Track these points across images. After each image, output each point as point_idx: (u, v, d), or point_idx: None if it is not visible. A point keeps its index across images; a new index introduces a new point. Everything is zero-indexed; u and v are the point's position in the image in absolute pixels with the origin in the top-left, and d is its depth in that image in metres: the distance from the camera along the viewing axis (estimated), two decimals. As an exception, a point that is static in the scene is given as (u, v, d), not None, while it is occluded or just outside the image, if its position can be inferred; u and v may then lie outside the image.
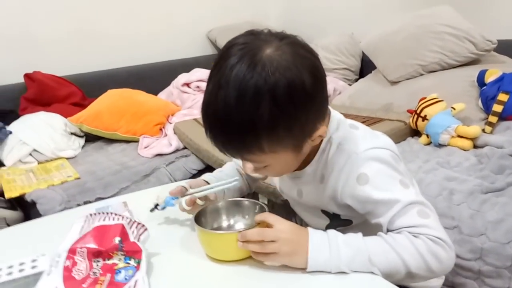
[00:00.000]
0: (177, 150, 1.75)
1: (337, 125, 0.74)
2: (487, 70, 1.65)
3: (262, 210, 0.76)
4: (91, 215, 0.81)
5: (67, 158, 1.74)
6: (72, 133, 1.90)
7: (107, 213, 0.81)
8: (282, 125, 0.63)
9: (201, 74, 2.25)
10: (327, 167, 0.74)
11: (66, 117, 1.92)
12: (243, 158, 0.71)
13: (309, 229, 0.69)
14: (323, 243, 0.66)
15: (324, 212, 0.80)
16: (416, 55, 1.91)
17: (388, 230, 0.69)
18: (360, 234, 0.68)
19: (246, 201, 0.80)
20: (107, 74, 2.36)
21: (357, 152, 0.71)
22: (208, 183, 0.87)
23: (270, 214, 0.71)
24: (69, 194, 1.43)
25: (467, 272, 1.09)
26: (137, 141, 1.86)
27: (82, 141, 1.92)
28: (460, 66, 1.87)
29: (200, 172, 1.69)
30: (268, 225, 0.69)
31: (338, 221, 0.79)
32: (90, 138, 1.95)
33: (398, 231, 0.67)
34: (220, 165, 1.54)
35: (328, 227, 0.78)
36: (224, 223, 0.79)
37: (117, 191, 1.50)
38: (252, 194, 1.11)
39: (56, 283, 0.69)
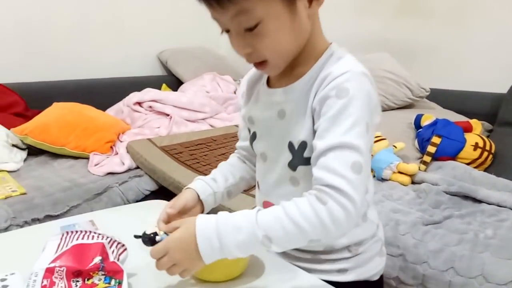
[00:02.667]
0: (129, 170, 1.72)
1: (342, 49, 0.73)
2: (423, 114, 1.85)
3: None
4: (67, 232, 0.79)
5: (8, 172, 1.63)
6: (13, 145, 1.78)
7: (85, 231, 0.79)
8: None
9: (154, 94, 2.24)
10: (321, 82, 0.69)
11: (7, 127, 1.80)
12: (230, 11, 0.64)
13: (197, 221, 0.66)
14: (211, 234, 0.65)
15: (291, 146, 0.74)
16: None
17: (315, 160, 0.66)
18: (255, 210, 0.66)
19: None
20: (52, 85, 2.26)
21: (354, 70, 0.67)
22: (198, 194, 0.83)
23: (177, 221, 0.71)
24: (15, 210, 1.34)
25: (409, 296, 1.20)
26: (85, 158, 1.80)
27: (24, 154, 1.81)
28: (397, 109, 2.08)
29: (153, 194, 1.67)
30: None
31: (299, 159, 0.73)
32: (32, 151, 1.85)
33: (311, 190, 0.65)
34: (177, 187, 1.56)
35: (290, 164, 0.74)
36: None
37: (68, 209, 1.43)
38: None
39: (34, 303, 0.66)
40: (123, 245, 0.79)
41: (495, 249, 1.15)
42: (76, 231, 0.80)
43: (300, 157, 0.73)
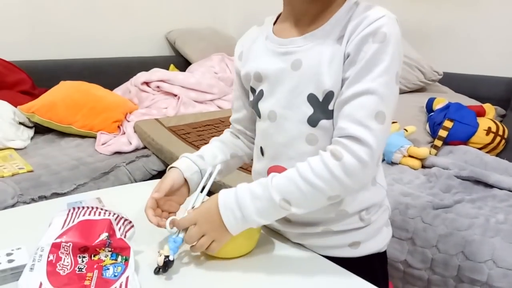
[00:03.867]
0: (136, 149, 1.71)
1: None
2: (435, 98, 1.81)
3: None
4: (74, 208, 0.78)
5: (15, 149, 1.63)
6: (20, 123, 1.78)
7: (92, 207, 0.79)
8: None
9: (162, 75, 2.22)
10: (354, 26, 0.66)
11: (14, 105, 1.80)
12: None
13: (218, 196, 0.68)
14: (232, 206, 0.66)
15: (312, 98, 0.69)
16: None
17: (340, 107, 0.65)
18: (270, 176, 0.67)
19: None
20: (60, 64, 2.24)
21: (390, 15, 0.65)
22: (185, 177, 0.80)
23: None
24: (22, 188, 1.34)
25: (417, 280, 1.19)
26: (92, 137, 1.79)
27: (31, 132, 1.81)
28: (409, 92, 2.04)
29: (160, 174, 1.67)
30: None
31: (323, 112, 0.69)
32: (39, 129, 1.84)
33: (330, 145, 0.65)
34: (184, 168, 1.55)
35: (310, 119, 0.70)
36: None
37: (74, 187, 1.43)
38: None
39: (40, 278, 0.66)
40: (130, 222, 0.78)
41: (506, 234, 1.13)
42: (83, 207, 0.79)
43: (324, 110, 0.69)
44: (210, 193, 0.77)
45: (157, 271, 0.69)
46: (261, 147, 0.78)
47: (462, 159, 1.55)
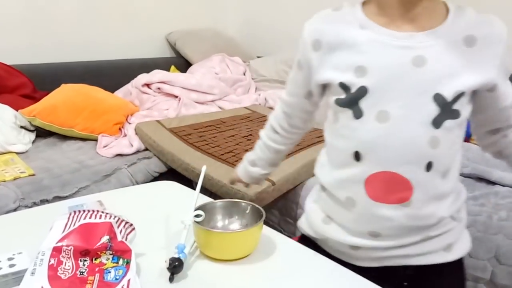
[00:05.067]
0: (138, 151, 1.71)
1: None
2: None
3: (253, 211, 0.79)
4: (74, 212, 0.78)
5: (17, 153, 1.63)
6: (21, 127, 1.78)
7: (93, 211, 0.79)
8: None
9: (162, 76, 2.22)
10: (477, 28, 0.66)
11: (15, 109, 1.80)
12: None
13: None
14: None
15: (438, 97, 0.65)
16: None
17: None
18: None
19: (242, 203, 0.82)
20: (61, 67, 2.24)
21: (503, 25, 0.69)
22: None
23: None
24: (24, 192, 1.34)
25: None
26: (94, 139, 1.79)
27: (32, 135, 1.81)
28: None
29: (162, 175, 1.67)
30: None
31: (449, 112, 0.66)
32: (40, 133, 1.85)
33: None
34: (186, 169, 1.55)
35: (436, 120, 0.66)
36: (219, 223, 0.81)
37: (76, 190, 1.43)
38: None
39: (41, 282, 0.66)
40: (131, 225, 0.78)
41: (509, 231, 1.13)
42: (84, 211, 0.79)
43: (450, 110, 0.66)
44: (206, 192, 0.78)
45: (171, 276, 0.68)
46: (356, 152, 0.70)
47: (464, 156, 1.54)
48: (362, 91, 0.68)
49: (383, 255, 0.74)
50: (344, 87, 0.70)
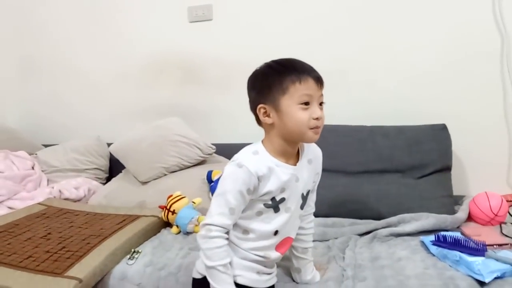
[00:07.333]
0: None
1: None
2: (212, 170, 2.23)
3: None
4: None
5: None
6: None
7: None
8: None
9: None
10: (309, 155, 1.28)
11: None
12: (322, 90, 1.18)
13: None
14: None
15: (302, 195, 1.27)
16: (160, 159, 2.35)
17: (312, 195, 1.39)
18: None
19: None
20: None
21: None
22: None
23: None
24: None
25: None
26: None
27: None
28: (192, 167, 2.42)
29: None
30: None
31: (304, 201, 1.30)
32: None
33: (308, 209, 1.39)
34: None
35: (301, 206, 1.29)
36: None
37: None
38: None
39: None
40: None
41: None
42: None
43: (305, 200, 1.30)
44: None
45: None
46: (276, 230, 1.23)
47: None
48: (283, 199, 1.21)
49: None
50: (272, 199, 1.20)
